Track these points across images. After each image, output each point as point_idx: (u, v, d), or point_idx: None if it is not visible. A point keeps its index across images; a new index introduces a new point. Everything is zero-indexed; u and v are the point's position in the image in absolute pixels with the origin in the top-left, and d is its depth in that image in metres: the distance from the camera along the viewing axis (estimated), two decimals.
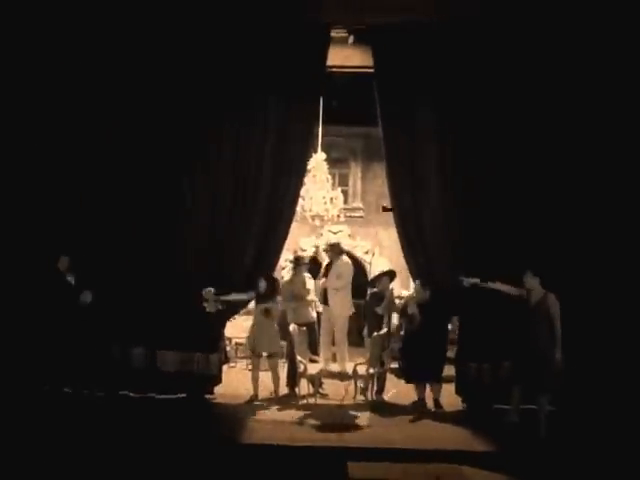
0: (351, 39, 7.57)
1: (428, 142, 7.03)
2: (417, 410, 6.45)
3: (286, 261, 9.98)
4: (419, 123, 7.06)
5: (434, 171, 6.99)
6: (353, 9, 6.60)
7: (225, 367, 7.45)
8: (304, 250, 10.21)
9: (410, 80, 6.99)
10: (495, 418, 6.15)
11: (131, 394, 6.66)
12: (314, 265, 8.51)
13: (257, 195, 7.03)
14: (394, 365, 8.75)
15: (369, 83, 7.26)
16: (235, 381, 7.70)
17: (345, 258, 7.27)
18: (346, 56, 7.77)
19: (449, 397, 6.89)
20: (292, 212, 7.32)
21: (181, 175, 7.01)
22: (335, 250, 7.21)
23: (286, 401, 6.76)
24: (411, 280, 7.50)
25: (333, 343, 7.17)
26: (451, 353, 7.88)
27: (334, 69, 7.65)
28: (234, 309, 7.22)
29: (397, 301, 9.95)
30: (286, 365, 7.43)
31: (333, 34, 7.25)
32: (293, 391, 7.02)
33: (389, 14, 6.56)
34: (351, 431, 5.75)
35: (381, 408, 6.60)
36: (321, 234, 10.27)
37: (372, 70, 7.22)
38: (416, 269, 7.04)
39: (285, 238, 7.27)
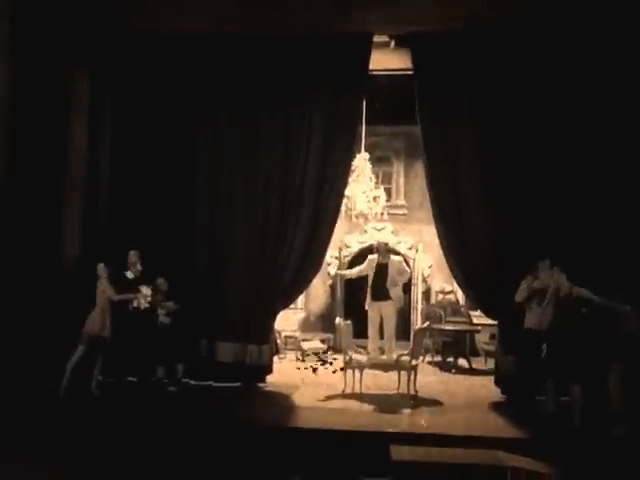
0: (392, 44, 7.85)
1: (465, 141, 7.23)
2: None
3: (331, 257, 10.35)
4: (456, 123, 7.27)
5: (472, 172, 7.18)
6: (394, 21, 6.87)
7: (275, 358, 7.89)
8: (349, 247, 10.52)
9: (447, 82, 7.24)
10: (532, 408, 6.34)
11: (192, 382, 7.15)
12: None
13: (303, 194, 7.40)
14: (437, 358, 9.07)
15: (410, 84, 7.53)
16: (285, 371, 8.12)
17: (398, 257, 7.60)
18: (388, 59, 8.06)
19: (490, 388, 7.14)
20: (337, 210, 7.62)
21: (234, 177, 7.46)
22: (385, 249, 7.57)
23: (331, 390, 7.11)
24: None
25: (381, 336, 7.52)
26: (492, 347, 8.13)
27: (376, 72, 7.94)
28: (284, 303, 7.62)
29: (441, 296, 10.28)
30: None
31: (375, 39, 7.54)
32: None
33: (425, 24, 6.80)
34: (394, 418, 6.05)
35: (421, 398, 6.85)
36: (365, 231, 10.54)
37: (412, 72, 7.48)
38: (455, 262, 7.24)
39: (331, 235, 7.61)
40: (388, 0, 6.47)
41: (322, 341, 9.49)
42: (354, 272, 8.06)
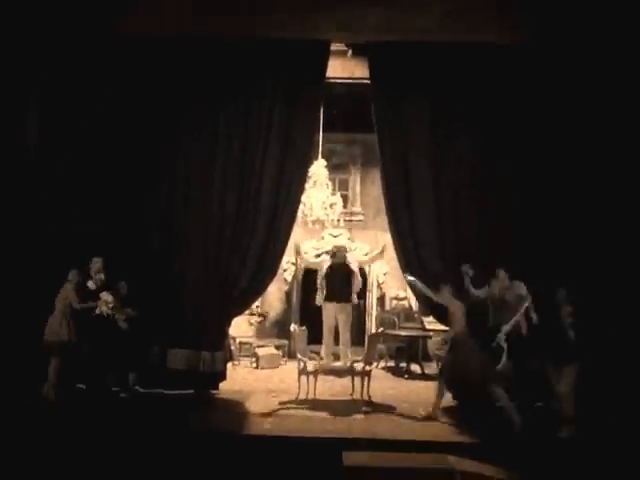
0: (350, 52, 7.94)
1: (420, 149, 7.38)
2: None
3: (287, 263, 10.33)
4: (412, 131, 7.41)
5: (426, 177, 7.33)
6: (350, 29, 6.93)
7: (229, 365, 7.83)
8: (305, 253, 10.52)
9: (403, 90, 7.38)
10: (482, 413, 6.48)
11: (141, 390, 7.01)
12: None
13: (260, 200, 7.39)
14: (390, 364, 9.17)
15: (367, 92, 7.62)
16: (238, 378, 8.05)
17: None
18: (346, 67, 8.15)
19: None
20: (293, 216, 7.64)
21: (185, 183, 7.38)
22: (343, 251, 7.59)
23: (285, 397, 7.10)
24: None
25: (336, 342, 7.54)
26: (443, 352, 8.25)
27: (334, 79, 8.01)
28: (239, 309, 7.57)
29: (395, 302, 10.39)
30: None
31: (333, 47, 7.61)
32: None
33: (382, 33, 6.89)
34: (346, 424, 6.08)
35: (374, 404, 6.91)
36: (322, 237, 10.58)
37: (369, 80, 7.57)
38: (408, 267, 7.37)
39: (287, 241, 7.63)
40: (342, 7, 6.45)
41: (277, 347, 9.45)
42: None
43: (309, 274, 10.47)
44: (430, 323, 9.30)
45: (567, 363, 5.90)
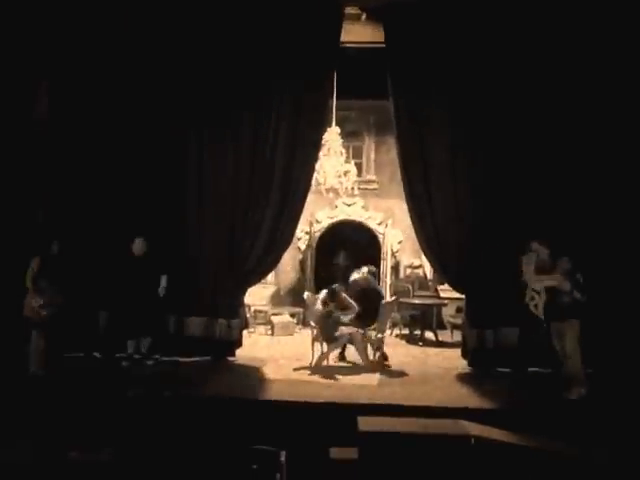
0: (364, 16, 7.75)
1: (437, 116, 7.25)
2: None
3: (302, 232, 10.34)
4: (428, 98, 7.26)
5: (443, 148, 7.22)
6: None
7: (245, 332, 7.92)
8: (319, 222, 10.51)
9: (419, 56, 7.20)
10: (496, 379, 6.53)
11: (159, 357, 7.13)
12: None
13: (274, 169, 7.34)
14: (405, 331, 9.22)
15: (382, 58, 7.47)
16: (254, 345, 8.15)
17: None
18: (360, 32, 7.97)
19: (456, 360, 7.31)
20: (308, 185, 7.58)
21: (200, 153, 7.35)
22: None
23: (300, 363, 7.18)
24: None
25: None
26: (458, 320, 8.29)
27: (347, 44, 7.84)
28: (254, 278, 7.61)
29: (409, 270, 10.37)
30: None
31: (347, 11, 7.44)
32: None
33: None
34: (360, 389, 6.15)
35: (389, 370, 6.99)
36: (336, 206, 10.54)
37: (384, 46, 7.41)
38: (424, 237, 7.32)
39: (301, 211, 7.60)
40: None
41: (292, 315, 9.53)
42: None
43: (323, 242, 10.51)
44: (444, 291, 9.30)
45: (568, 319, 5.88)
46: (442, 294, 9.58)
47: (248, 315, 8.54)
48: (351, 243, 10.74)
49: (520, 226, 6.95)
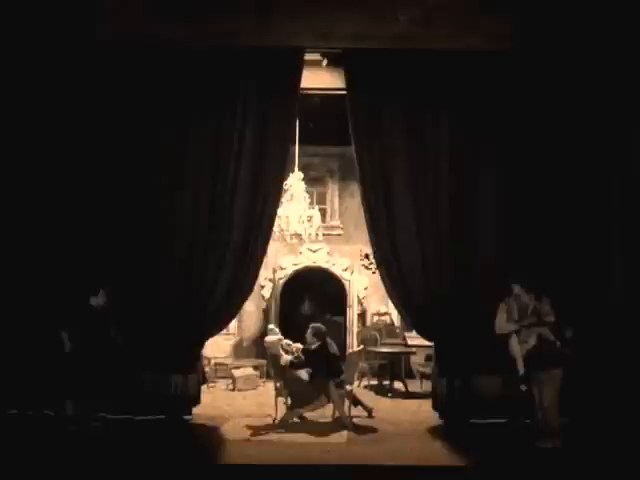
0: (325, 62, 7.73)
1: (399, 159, 7.16)
2: None
3: (265, 279, 10.03)
4: (390, 141, 7.19)
5: (405, 188, 7.11)
6: (326, 37, 6.71)
7: (204, 387, 7.46)
8: (283, 268, 10.24)
9: (380, 100, 7.16)
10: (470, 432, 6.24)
11: (109, 416, 6.60)
12: None
13: (234, 214, 7.09)
14: (373, 382, 8.88)
15: (343, 104, 7.41)
16: (214, 401, 7.68)
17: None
18: (321, 78, 7.94)
19: (427, 412, 6.99)
20: (270, 231, 7.34)
21: (157, 196, 7.06)
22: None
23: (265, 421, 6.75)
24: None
25: None
26: (427, 368, 8.02)
27: (310, 91, 7.78)
28: (213, 329, 7.22)
29: (376, 317, 10.13)
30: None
31: (307, 57, 7.39)
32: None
33: (358, 41, 6.68)
34: (330, 449, 5.76)
35: (358, 426, 6.61)
36: (300, 252, 10.32)
37: (345, 92, 7.36)
38: (390, 283, 7.11)
39: (263, 257, 7.33)
40: (316, 14, 6.19)
41: (255, 368, 9.10)
42: None
43: (288, 290, 10.21)
44: (413, 339, 9.05)
45: (550, 369, 5.73)
46: (410, 342, 9.34)
47: (207, 369, 8.09)
48: (316, 290, 10.48)
49: (491, 270, 6.83)
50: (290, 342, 7.25)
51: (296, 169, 8.94)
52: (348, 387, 6.82)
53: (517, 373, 5.96)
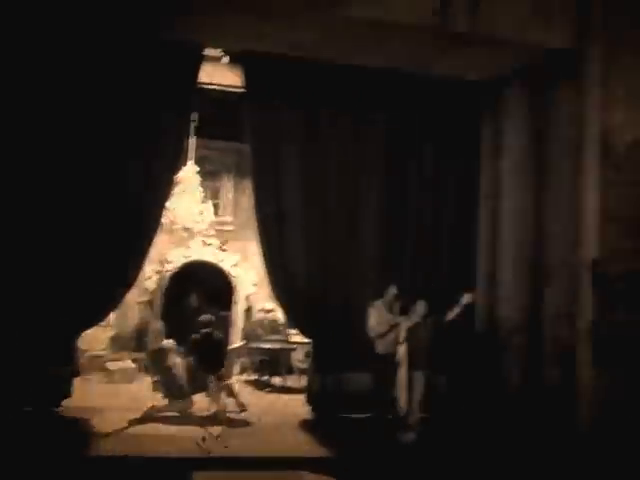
0: (226, 59, 7.77)
1: (292, 160, 7.38)
2: None
3: (151, 271, 9.88)
4: (286, 142, 7.38)
5: (297, 190, 7.35)
6: (225, 37, 6.74)
7: (78, 380, 7.25)
8: (170, 262, 10.14)
9: (277, 102, 7.33)
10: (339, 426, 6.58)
11: None
12: None
13: (123, 203, 6.94)
14: (255, 377, 9.06)
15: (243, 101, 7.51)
16: (87, 394, 7.49)
17: None
18: (220, 74, 7.97)
19: (301, 406, 7.26)
20: (157, 223, 7.28)
21: (41, 184, 6.75)
22: None
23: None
24: None
25: None
26: (307, 364, 8.31)
27: (209, 85, 7.79)
28: (91, 320, 7.04)
29: (262, 314, 10.30)
30: None
31: (209, 53, 7.41)
32: None
33: (257, 43, 6.77)
34: (199, 442, 5.85)
35: (231, 419, 6.74)
36: (189, 246, 10.27)
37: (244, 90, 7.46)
38: (275, 281, 7.31)
39: (148, 249, 7.23)
40: (216, 13, 6.21)
41: (134, 361, 8.94)
42: None
43: (175, 283, 10.12)
44: (295, 335, 9.32)
45: (416, 368, 6.18)
46: (293, 338, 9.59)
47: (82, 361, 7.85)
48: (204, 285, 10.47)
49: (368, 271, 7.23)
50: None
51: (191, 162, 8.91)
52: (226, 382, 6.94)
53: (386, 370, 6.38)
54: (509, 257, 6.90)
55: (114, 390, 8.05)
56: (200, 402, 6.86)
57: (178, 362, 6.77)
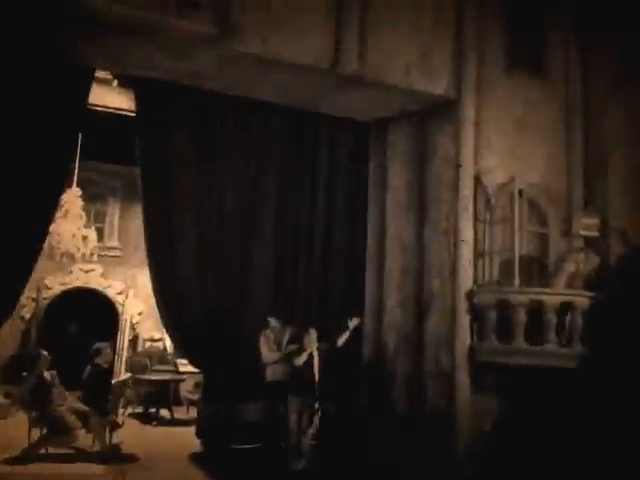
0: (115, 82, 7.61)
1: (186, 184, 7.33)
2: None
3: (28, 299, 9.27)
4: (179, 166, 7.32)
5: (189, 213, 7.29)
6: (117, 62, 6.62)
7: None
8: (50, 288, 9.58)
9: (170, 127, 7.27)
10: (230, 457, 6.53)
11: None
12: None
13: (1, 226, 6.51)
14: (139, 409, 8.73)
15: (133, 124, 7.36)
16: None
17: None
18: (112, 97, 7.78)
19: (190, 439, 7.11)
20: (39, 248, 6.89)
21: None
22: None
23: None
24: None
25: None
26: (196, 395, 8.18)
27: (98, 107, 7.56)
28: None
29: (149, 343, 10.00)
30: None
31: (99, 74, 7.21)
32: None
33: (150, 71, 6.72)
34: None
35: (117, 455, 6.49)
36: (70, 272, 9.76)
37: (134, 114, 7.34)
38: (164, 308, 7.17)
39: (28, 275, 6.80)
40: (108, 38, 6.08)
41: (7, 395, 8.29)
42: None
43: (54, 311, 9.55)
44: (184, 365, 9.12)
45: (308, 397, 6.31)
46: (182, 368, 9.38)
47: None
48: (86, 313, 9.97)
49: (260, 300, 7.29)
50: None
51: (74, 184, 8.54)
52: (114, 416, 6.65)
53: (277, 399, 6.45)
54: (394, 285, 7.33)
55: None
56: (84, 437, 6.51)
57: (60, 394, 6.40)
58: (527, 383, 5.97)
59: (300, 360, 6.38)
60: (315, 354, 6.45)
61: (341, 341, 6.62)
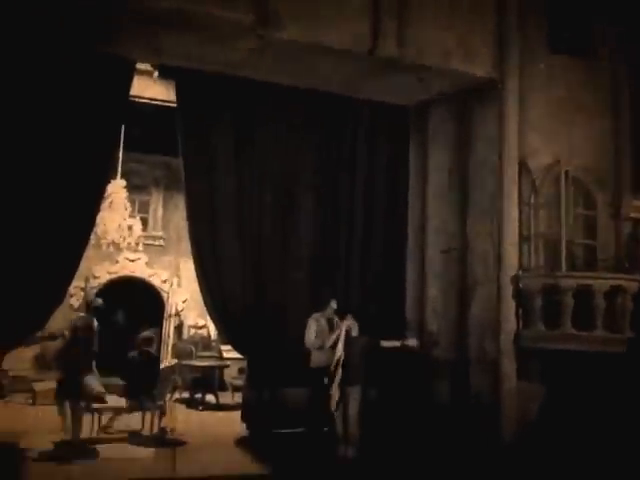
0: (156, 74, 7.72)
1: (227, 177, 7.42)
2: None
3: (76, 288, 9.56)
4: (220, 158, 7.39)
5: (230, 205, 7.37)
6: (158, 53, 6.71)
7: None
8: (97, 277, 9.85)
9: (209, 117, 7.33)
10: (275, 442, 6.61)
11: None
12: None
13: (49, 219, 6.71)
14: (185, 395, 8.92)
15: (174, 115, 7.46)
16: (9, 416, 7.15)
17: None
18: (153, 88, 7.90)
19: (235, 423, 7.24)
20: (86, 239, 7.09)
21: None
22: None
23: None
24: None
25: None
26: (241, 381, 8.30)
27: (139, 99, 7.69)
28: (15, 341, 6.72)
29: (193, 330, 10.18)
30: None
31: (140, 67, 7.33)
32: None
33: (190, 61, 6.80)
34: (135, 463, 5.74)
35: (165, 439, 6.63)
36: (117, 261, 10.01)
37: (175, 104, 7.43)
38: (209, 296, 7.28)
39: (77, 265, 7.01)
40: (150, 30, 6.18)
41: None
42: None
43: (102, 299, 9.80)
44: (228, 352, 9.27)
45: (353, 384, 6.28)
46: (225, 354, 9.53)
47: (4, 381, 7.49)
48: (133, 301, 10.22)
49: (303, 286, 7.31)
50: None
51: (119, 176, 8.73)
52: (160, 402, 6.82)
53: (322, 386, 6.46)
54: (436, 271, 7.26)
55: (39, 411, 7.69)
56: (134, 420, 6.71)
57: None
58: (573, 369, 5.85)
59: (329, 342, 6.36)
60: (342, 337, 6.38)
61: (387, 345, 6.51)
